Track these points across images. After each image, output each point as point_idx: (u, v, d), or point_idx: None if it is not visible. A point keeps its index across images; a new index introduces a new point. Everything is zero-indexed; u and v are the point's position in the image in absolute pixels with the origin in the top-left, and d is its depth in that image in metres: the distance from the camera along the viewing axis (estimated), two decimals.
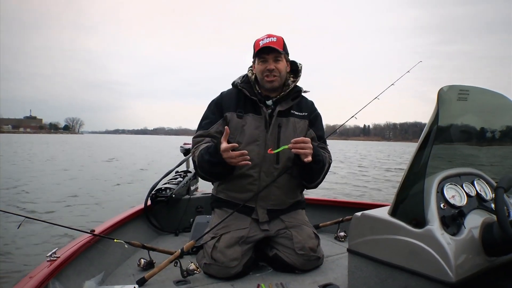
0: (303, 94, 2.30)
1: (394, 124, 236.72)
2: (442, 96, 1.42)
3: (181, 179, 3.17)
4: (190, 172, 3.36)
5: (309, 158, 1.96)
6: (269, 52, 2.11)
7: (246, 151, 1.94)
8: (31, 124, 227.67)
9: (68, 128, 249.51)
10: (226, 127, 1.97)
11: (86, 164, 19.35)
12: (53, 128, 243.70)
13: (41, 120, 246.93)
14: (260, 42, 2.12)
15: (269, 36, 2.14)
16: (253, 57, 2.22)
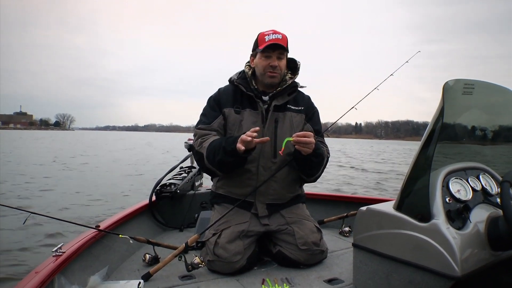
0: (299, 89, 2.30)
1: (386, 122, 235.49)
2: (448, 90, 1.41)
3: (186, 175, 3.18)
4: (195, 167, 3.37)
5: (309, 150, 1.96)
6: (274, 48, 2.11)
7: (258, 128, 1.93)
8: (22, 120, 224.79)
9: (59, 124, 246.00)
10: (257, 128, 1.93)
11: (87, 159, 19.37)
12: (44, 124, 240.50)
13: (31, 116, 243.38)
14: (266, 37, 2.11)
15: (274, 32, 2.13)
16: (253, 51, 2.22)
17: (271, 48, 2.10)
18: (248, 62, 2.28)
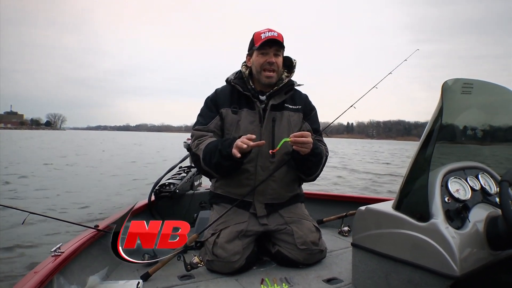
0: (296, 87, 2.30)
1: (378, 122, 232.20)
2: (446, 89, 1.41)
3: (185, 175, 3.17)
4: (194, 167, 3.36)
5: (307, 150, 1.96)
6: (271, 45, 2.11)
7: (254, 136, 1.91)
8: (12, 120, 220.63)
9: (50, 124, 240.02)
10: (253, 136, 1.92)
11: (86, 159, 19.34)
12: (35, 124, 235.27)
13: (22, 115, 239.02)
14: (262, 35, 2.11)
15: (270, 30, 2.13)
16: (249, 50, 2.22)
17: (268, 45, 2.10)
18: (245, 62, 2.28)
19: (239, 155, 1.88)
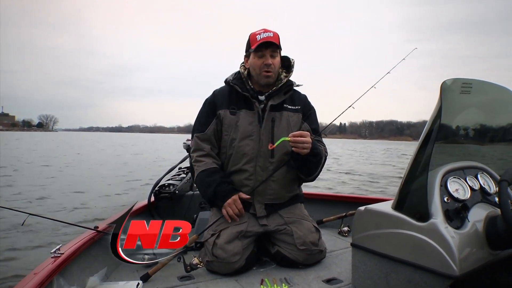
0: (295, 88, 2.30)
1: (370, 122, 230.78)
2: (445, 89, 1.41)
3: (184, 175, 3.17)
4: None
5: (306, 151, 1.97)
6: (267, 47, 2.11)
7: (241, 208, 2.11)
8: (4, 122, 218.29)
9: (41, 126, 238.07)
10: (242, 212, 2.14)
11: (85, 160, 19.35)
12: (27, 125, 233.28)
13: (13, 117, 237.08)
14: (257, 37, 2.12)
15: (265, 31, 2.13)
16: (246, 52, 2.22)
17: (264, 47, 2.11)
18: (243, 63, 2.28)
19: (231, 212, 2.09)
